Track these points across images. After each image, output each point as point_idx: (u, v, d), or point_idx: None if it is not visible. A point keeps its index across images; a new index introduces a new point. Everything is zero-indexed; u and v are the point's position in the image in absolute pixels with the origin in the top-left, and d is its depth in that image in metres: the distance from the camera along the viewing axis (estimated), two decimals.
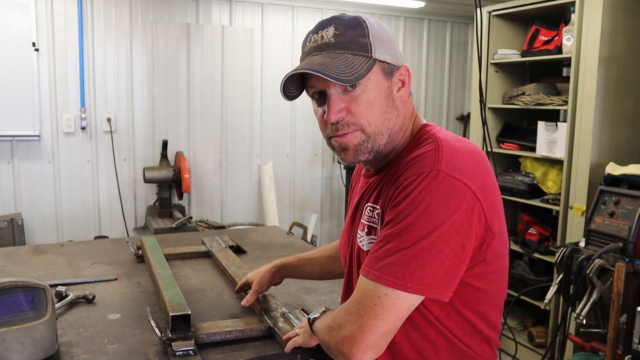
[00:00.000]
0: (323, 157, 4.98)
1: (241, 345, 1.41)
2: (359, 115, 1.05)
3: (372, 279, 0.98)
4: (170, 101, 4.38)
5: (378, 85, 1.05)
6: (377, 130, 1.07)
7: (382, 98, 1.06)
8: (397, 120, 1.10)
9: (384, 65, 1.06)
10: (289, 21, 4.69)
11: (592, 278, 2.48)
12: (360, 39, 1.04)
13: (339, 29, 1.05)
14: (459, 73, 5.47)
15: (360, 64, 1.02)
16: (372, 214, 1.10)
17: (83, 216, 4.22)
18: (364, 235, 1.12)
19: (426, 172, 0.98)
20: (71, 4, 3.98)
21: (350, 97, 1.05)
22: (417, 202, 0.96)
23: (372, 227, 1.10)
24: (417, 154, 1.04)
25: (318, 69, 1.00)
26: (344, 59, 1.02)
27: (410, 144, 1.12)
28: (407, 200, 0.97)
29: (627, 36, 3.10)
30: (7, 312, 1.22)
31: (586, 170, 3.12)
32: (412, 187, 0.97)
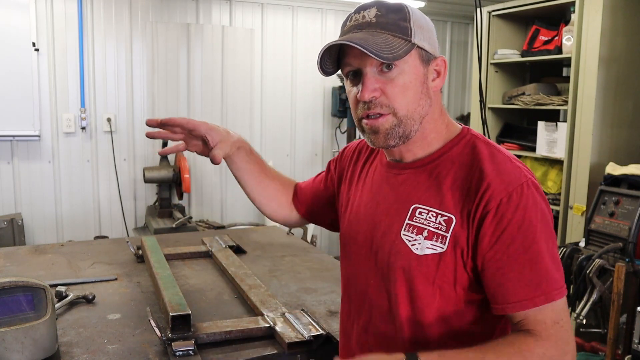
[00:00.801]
0: (323, 157, 4.98)
1: (241, 345, 1.41)
2: (393, 98, 1.05)
3: (542, 303, 0.98)
4: (170, 101, 4.38)
5: (414, 70, 1.05)
6: (409, 115, 1.06)
7: (418, 84, 1.06)
8: (429, 108, 1.09)
9: (422, 51, 1.05)
10: (289, 21, 4.69)
11: (592, 278, 2.48)
12: (401, 22, 1.04)
13: (381, 10, 1.05)
14: (459, 73, 5.47)
15: (399, 45, 1.02)
16: (436, 220, 1.05)
17: (83, 216, 4.22)
18: (420, 240, 1.06)
19: (523, 181, 1.01)
20: (71, 4, 3.98)
21: (386, 78, 1.04)
22: (533, 215, 0.99)
23: (435, 233, 1.04)
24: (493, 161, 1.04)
25: (359, 43, 1.00)
26: (384, 38, 1.02)
27: (460, 145, 1.10)
28: (523, 216, 0.99)
29: (627, 36, 3.10)
30: (7, 312, 1.22)
31: (586, 170, 3.12)
32: (523, 201, 0.99)
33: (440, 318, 1.06)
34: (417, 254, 1.06)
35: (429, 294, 1.05)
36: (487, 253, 1.00)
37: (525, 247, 0.98)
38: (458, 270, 1.03)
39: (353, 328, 1.20)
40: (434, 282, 1.05)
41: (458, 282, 1.04)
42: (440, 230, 1.04)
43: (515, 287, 0.98)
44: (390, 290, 1.10)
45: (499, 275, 0.99)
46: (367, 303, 1.16)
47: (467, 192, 1.03)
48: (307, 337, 1.40)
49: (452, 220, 1.03)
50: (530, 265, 0.98)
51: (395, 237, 1.09)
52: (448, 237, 1.03)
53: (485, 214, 0.99)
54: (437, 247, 1.04)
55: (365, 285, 1.16)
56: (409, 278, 1.07)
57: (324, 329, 1.46)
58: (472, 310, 1.07)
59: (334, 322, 1.55)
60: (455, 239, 1.02)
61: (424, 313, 1.06)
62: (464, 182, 1.04)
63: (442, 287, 1.05)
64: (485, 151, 1.07)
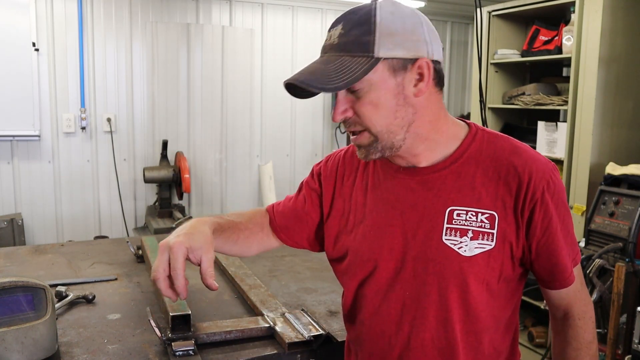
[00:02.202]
0: (323, 157, 4.96)
1: (241, 345, 1.41)
2: (363, 116, 1.03)
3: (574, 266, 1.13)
4: (170, 101, 4.38)
5: (383, 84, 1.01)
6: (385, 130, 1.04)
7: (390, 97, 1.02)
8: (414, 116, 1.05)
9: (392, 61, 1.00)
10: (289, 21, 4.69)
11: (592, 278, 2.48)
12: (363, 37, 0.99)
13: (346, 27, 1.01)
14: (459, 73, 5.47)
15: (356, 68, 0.98)
16: (478, 218, 1.05)
17: (83, 216, 4.22)
18: (467, 241, 1.05)
19: (551, 166, 1.08)
20: (71, 4, 3.98)
21: (355, 97, 1.03)
22: (562, 194, 1.10)
23: (480, 232, 1.05)
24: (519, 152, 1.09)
25: (303, 79, 1.00)
26: (339, 63, 0.99)
27: (477, 141, 1.11)
28: (559, 198, 1.08)
29: (627, 36, 3.10)
30: (7, 312, 1.22)
31: (586, 170, 3.12)
32: (557, 186, 1.08)
33: (489, 312, 1.09)
34: (465, 256, 1.05)
35: (479, 292, 1.07)
36: (541, 239, 1.07)
37: (563, 227, 1.09)
38: (505, 264, 1.07)
39: (390, 344, 1.13)
40: (483, 279, 1.06)
41: (503, 275, 1.08)
42: (484, 228, 1.05)
43: (566, 263, 1.09)
44: (438, 298, 1.07)
45: (555, 256, 1.08)
46: (407, 315, 1.10)
47: (506, 186, 1.06)
48: (307, 337, 1.40)
49: (494, 216, 1.06)
50: (567, 240, 1.10)
51: (438, 243, 1.06)
52: (495, 234, 1.05)
53: (534, 205, 1.05)
54: (486, 245, 1.05)
55: (402, 299, 1.10)
56: (462, 281, 1.05)
57: (324, 329, 1.46)
58: (507, 300, 1.12)
59: (334, 322, 1.55)
60: (503, 234, 1.05)
61: (476, 312, 1.08)
62: (496, 177, 1.07)
63: (489, 283, 1.07)
64: (505, 144, 1.11)
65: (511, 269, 1.08)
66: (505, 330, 1.14)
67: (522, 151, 1.09)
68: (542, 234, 1.06)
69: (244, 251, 1.31)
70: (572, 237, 1.12)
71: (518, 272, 1.11)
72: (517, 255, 1.07)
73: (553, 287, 1.13)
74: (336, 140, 4.95)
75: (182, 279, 1.04)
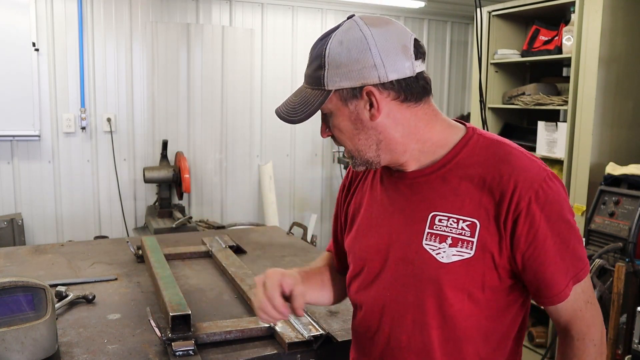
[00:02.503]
0: (323, 157, 4.98)
1: (241, 345, 1.41)
2: (336, 137, 1.12)
3: (574, 284, 1.05)
4: (170, 101, 4.38)
5: (339, 113, 1.07)
6: (354, 149, 1.10)
7: (348, 124, 1.08)
8: (381, 135, 1.07)
9: (341, 92, 1.04)
10: (289, 21, 4.69)
11: (592, 278, 2.48)
12: (317, 71, 1.06)
13: (309, 60, 1.09)
14: (459, 73, 5.47)
15: (314, 99, 1.06)
16: (458, 225, 1.04)
17: (83, 216, 4.22)
18: (445, 247, 1.04)
19: (543, 176, 1.03)
20: (71, 4, 3.98)
21: (328, 122, 1.12)
22: (558, 205, 1.03)
23: (459, 239, 1.04)
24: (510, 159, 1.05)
25: (280, 110, 1.10)
26: (303, 95, 1.08)
27: (469, 146, 1.08)
28: (551, 209, 1.02)
29: (627, 36, 3.10)
30: (7, 312, 1.22)
31: (586, 170, 3.12)
32: (550, 196, 1.02)
33: (471, 322, 1.06)
34: (442, 262, 1.04)
35: (458, 301, 1.05)
36: (526, 252, 1.02)
37: (556, 239, 1.02)
38: (487, 273, 1.04)
39: (373, 341, 1.17)
40: (462, 288, 1.04)
41: (486, 284, 1.04)
42: (464, 236, 1.03)
43: (556, 279, 1.03)
44: (416, 301, 1.08)
45: (541, 271, 1.03)
46: (386, 316, 1.13)
47: (489, 194, 1.03)
48: (307, 337, 1.41)
49: (475, 224, 1.03)
50: (563, 254, 1.03)
51: (418, 247, 1.07)
52: (475, 242, 1.03)
53: (518, 215, 1.01)
54: (464, 253, 1.03)
55: (382, 299, 1.13)
56: (438, 287, 1.05)
57: (324, 329, 1.46)
58: (500, 312, 1.07)
59: (334, 322, 1.55)
60: (483, 243, 1.02)
61: (454, 320, 1.06)
62: (482, 184, 1.04)
63: (470, 292, 1.04)
64: (499, 150, 1.07)
65: (497, 279, 1.04)
66: (499, 344, 1.10)
67: (513, 159, 1.05)
68: (527, 246, 1.02)
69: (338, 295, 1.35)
70: (572, 252, 1.04)
71: (507, 283, 1.06)
72: (501, 265, 1.03)
73: (541, 303, 1.07)
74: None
75: (279, 298, 1.13)
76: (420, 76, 1.06)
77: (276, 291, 1.13)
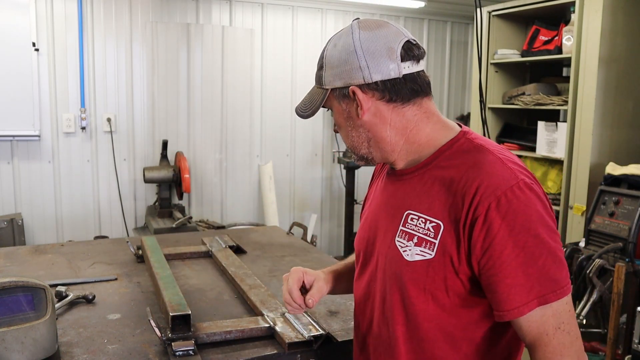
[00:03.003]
0: (323, 157, 4.98)
1: (241, 345, 1.41)
2: (341, 134, 1.19)
3: (535, 306, 0.96)
4: (170, 101, 4.38)
5: (336, 110, 1.15)
6: (351, 145, 1.17)
7: (342, 121, 1.15)
8: (368, 134, 1.12)
9: (336, 91, 1.12)
10: (289, 21, 4.69)
11: (592, 278, 2.48)
12: (319, 71, 1.15)
13: (318, 61, 1.16)
14: (459, 73, 5.47)
15: (318, 97, 1.14)
16: (425, 225, 1.05)
17: (83, 216, 4.22)
18: (411, 246, 1.06)
19: (512, 184, 0.98)
20: (71, 4, 3.98)
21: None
22: (526, 217, 0.96)
23: (424, 239, 1.04)
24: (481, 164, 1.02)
25: (298, 106, 1.19)
26: (312, 93, 1.17)
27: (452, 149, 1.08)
28: (514, 219, 0.96)
29: (627, 36, 3.10)
30: (7, 312, 1.22)
31: (586, 170, 3.12)
32: (513, 205, 0.96)
33: (436, 325, 1.05)
34: (407, 260, 1.07)
35: (421, 301, 1.05)
36: (481, 260, 0.98)
37: (518, 252, 0.95)
38: (448, 277, 1.02)
39: (359, 330, 1.24)
40: (424, 288, 1.04)
41: (450, 288, 1.03)
42: (428, 237, 1.04)
43: (514, 294, 0.96)
44: (385, 296, 1.12)
45: (495, 282, 0.97)
46: (369, 307, 1.19)
47: (454, 197, 1.02)
48: (307, 337, 1.41)
49: (439, 226, 1.03)
50: (527, 270, 0.95)
51: (391, 243, 1.11)
52: (436, 244, 1.03)
53: (475, 220, 0.97)
54: (426, 254, 1.04)
55: (368, 290, 1.19)
56: (401, 284, 1.07)
57: (324, 329, 1.46)
58: (471, 316, 1.04)
59: (334, 322, 1.55)
60: (444, 246, 1.02)
61: (418, 319, 1.06)
62: (451, 187, 1.03)
63: (434, 294, 1.04)
64: (477, 155, 1.05)
65: (460, 285, 1.02)
66: (473, 355, 1.06)
67: (485, 164, 1.02)
68: (482, 254, 0.97)
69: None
70: (541, 271, 0.95)
71: (474, 291, 1.02)
72: (462, 271, 1.01)
73: (496, 317, 1.00)
74: (336, 141, 4.95)
75: (297, 292, 1.26)
76: (409, 77, 1.07)
77: (295, 285, 1.26)
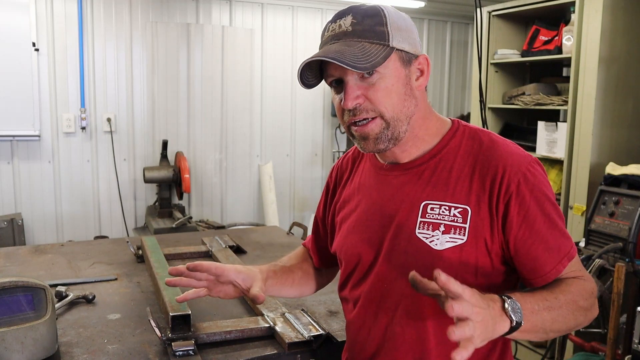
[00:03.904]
0: (323, 157, 4.98)
1: (241, 345, 1.41)
2: (377, 102, 1.06)
3: (567, 262, 1.06)
4: (170, 101, 4.38)
5: (395, 72, 1.06)
6: (396, 117, 1.07)
7: (400, 86, 1.07)
8: (415, 108, 1.10)
9: (401, 53, 1.07)
10: (289, 21, 4.69)
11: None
12: (377, 27, 1.05)
13: (357, 17, 1.06)
14: (459, 73, 5.47)
15: (377, 52, 1.03)
16: (450, 212, 1.06)
17: (83, 216, 4.22)
18: (438, 235, 1.06)
19: (529, 160, 1.07)
20: (71, 4, 3.98)
21: (368, 83, 1.06)
22: (543, 188, 1.06)
23: (452, 226, 1.06)
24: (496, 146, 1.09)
25: (334, 57, 1.01)
26: (360, 47, 1.03)
27: (457, 137, 1.13)
28: (540, 191, 1.05)
29: (627, 36, 3.10)
30: (7, 312, 1.22)
31: (586, 170, 3.12)
32: (537, 178, 1.05)
33: None
34: (437, 249, 1.06)
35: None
36: (518, 233, 1.04)
37: (545, 219, 1.04)
38: (480, 259, 1.05)
39: (369, 336, 1.17)
40: (456, 274, 1.02)
41: (479, 270, 1.06)
42: (457, 223, 1.06)
43: (547, 258, 1.04)
44: (410, 292, 1.05)
45: (532, 250, 1.04)
46: (382, 309, 1.14)
47: (481, 181, 1.06)
48: (307, 337, 1.40)
49: (467, 210, 1.05)
50: (552, 234, 1.05)
51: (410, 236, 1.09)
52: (467, 228, 1.05)
53: (509, 198, 1.03)
54: (457, 239, 1.05)
55: (378, 292, 1.14)
56: (430, 274, 1.02)
57: (324, 329, 1.46)
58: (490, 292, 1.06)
59: (334, 322, 1.55)
60: (475, 229, 1.04)
61: None
62: (472, 171, 1.07)
63: (464, 278, 1.03)
64: (485, 138, 1.10)
65: (489, 265, 1.06)
66: None
67: (498, 145, 1.09)
68: (519, 227, 1.04)
69: (303, 291, 1.40)
70: (561, 232, 1.06)
71: (500, 269, 1.08)
72: (493, 250, 1.05)
73: (535, 283, 1.07)
74: (336, 140, 4.96)
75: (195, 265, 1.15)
76: None
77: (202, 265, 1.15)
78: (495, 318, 0.89)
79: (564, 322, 1.00)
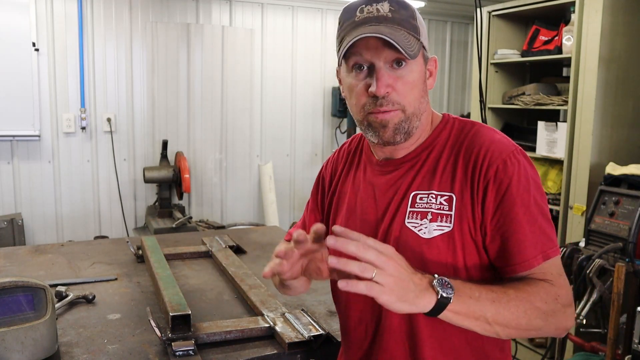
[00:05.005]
0: (323, 157, 4.98)
1: (241, 345, 1.41)
2: (403, 95, 1.06)
3: (543, 260, 1.03)
4: (170, 101, 4.38)
5: (420, 68, 1.08)
6: (414, 112, 1.09)
7: (421, 82, 1.09)
8: (426, 106, 1.13)
9: (424, 51, 1.09)
10: (289, 21, 4.69)
11: (592, 278, 2.48)
12: (411, 20, 1.06)
13: (394, 5, 1.05)
14: (459, 73, 5.47)
15: (414, 43, 1.04)
16: (437, 200, 1.07)
17: (83, 216, 4.22)
18: (426, 223, 1.07)
19: (512, 149, 1.06)
20: (71, 4, 3.98)
21: (397, 74, 1.05)
22: (526, 180, 1.04)
23: (439, 214, 1.06)
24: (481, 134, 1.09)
25: (390, 37, 1.00)
26: (402, 34, 1.03)
27: (446, 129, 1.14)
28: (519, 180, 1.03)
29: (627, 36, 3.10)
30: (7, 312, 1.22)
31: (586, 170, 3.12)
32: (517, 167, 1.04)
33: None
34: (425, 237, 1.07)
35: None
36: (493, 219, 1.03)
37: (524, 210, 1.02)
38: (466, 246, 1.05)
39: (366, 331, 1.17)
40: (446, 263, 1.05)
41: (467, 257, 1.06)
42: (443, 210, 1.06)
43: (525, 246, 1.02)
44: None
45: (506, 237, 1.03)
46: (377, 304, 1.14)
47: (464, 168, 1.07)
48: (307, 337, 1.40)
49: (452, 198, 1.06)
50: (530, 227, 1.02)
51: (401, 227, 1.10)
52: (453, 215, 1.05)
53: (487, 183, 1.04)
54: (444, 227, 1.06)
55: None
56: (422, 263, 1.05)
57: (324, 329, 1.46)
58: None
59: (334, 322, 1.55)
60: (460, 216, 1.05)
61: None
62: (457, 160, 1.09)
63: (454, 266, 1.05)
64: (472, 128, 1.12)
65: (476, 254, 1.05)
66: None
67: (482, 133, 1.10)
68: (494, 212, 1.03)
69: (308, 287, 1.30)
70: (540, 230, 1.03)
71: (486, 260, 1.06)
72: (477, 237, 1.04)
73: (508, 271, 1.03)
74: (336, 140, 4.95)
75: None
76: None
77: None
78: (418, 286, 0.90)
79: (513, 318, 0.95)
